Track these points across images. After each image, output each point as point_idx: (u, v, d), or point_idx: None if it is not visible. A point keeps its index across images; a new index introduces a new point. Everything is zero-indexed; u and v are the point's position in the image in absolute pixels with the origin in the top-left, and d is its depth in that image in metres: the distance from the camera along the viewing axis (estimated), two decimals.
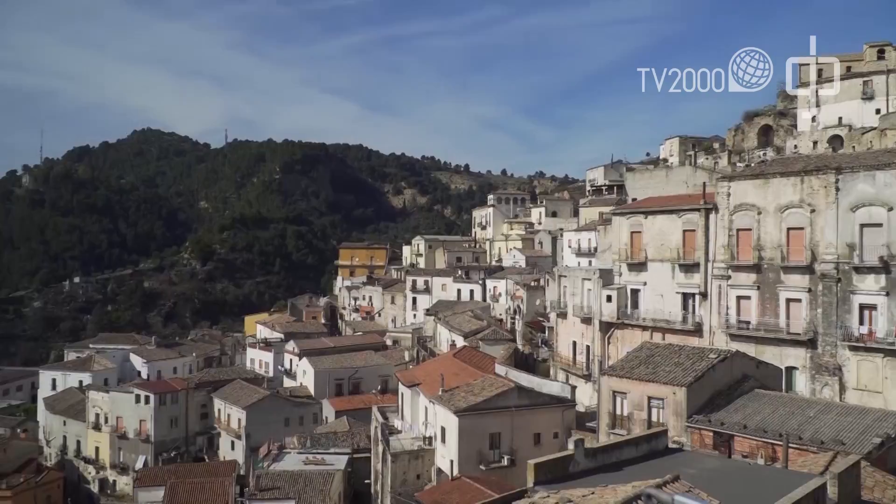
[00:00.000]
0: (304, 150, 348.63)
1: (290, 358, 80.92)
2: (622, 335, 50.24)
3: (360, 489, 51.58)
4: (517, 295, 75.85)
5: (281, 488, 46.49)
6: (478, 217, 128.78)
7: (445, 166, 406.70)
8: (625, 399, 35.82)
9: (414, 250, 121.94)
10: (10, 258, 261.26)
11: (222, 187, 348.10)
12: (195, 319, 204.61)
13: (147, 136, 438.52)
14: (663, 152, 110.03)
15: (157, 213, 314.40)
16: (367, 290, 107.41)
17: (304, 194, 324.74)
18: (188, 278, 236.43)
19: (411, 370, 58.44)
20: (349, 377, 72.68)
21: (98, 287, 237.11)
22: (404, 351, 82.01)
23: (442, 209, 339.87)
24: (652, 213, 49.55)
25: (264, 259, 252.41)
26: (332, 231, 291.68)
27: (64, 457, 78.05)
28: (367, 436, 54.72)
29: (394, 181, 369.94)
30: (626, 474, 22.29)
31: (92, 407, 75.76)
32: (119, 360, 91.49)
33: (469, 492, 32.89)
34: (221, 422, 71.50)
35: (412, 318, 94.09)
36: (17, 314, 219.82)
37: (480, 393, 39.98)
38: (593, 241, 75.25)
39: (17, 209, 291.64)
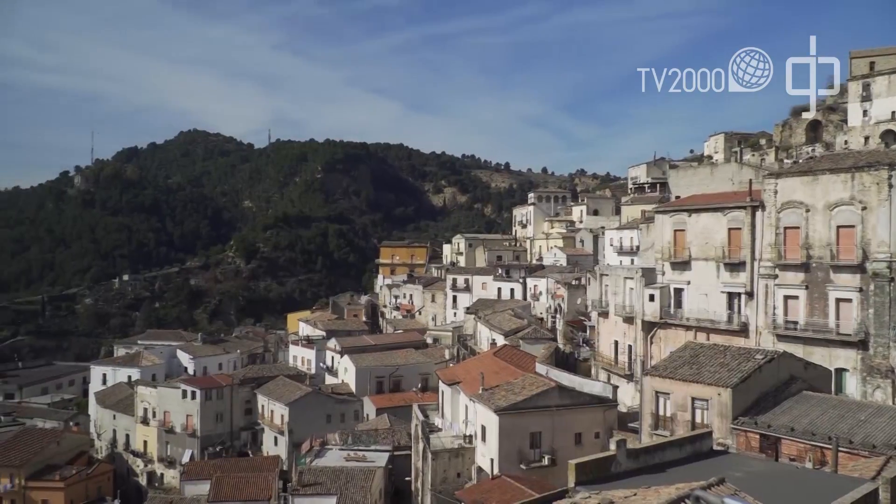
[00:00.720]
0: (346, 149, 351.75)
1: (332, 355, 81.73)
2: (665, 335, 49.52)
3: (401, 486, 51.87)
4: (558, 294, 75.33)
5: (323, 484, 47.03)
6: (518, 215, 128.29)
7: (486, 164, 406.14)
8: (668, 400, 35.32)
9: (454, 249, 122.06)
10: (62, 257, 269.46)
11: (266, 187, 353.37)
12: (239, 317, 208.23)
13: (193, 137, 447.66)
14: (708, 149, 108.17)
15: (202, 212, 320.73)
16: (407, 289, 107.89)
17: (345, 193, 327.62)
18: (233, 276, 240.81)
19: (451, 368, 58.52)
20: (390, 375, 73.11)
21: (146, 284, 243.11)
22: (444, 349, 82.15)
23: (482, 207, 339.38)
24: (696, 211, 48.71)
25: (306, 257, 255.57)
26: (372, 230, 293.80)
27: (114, 450, 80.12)
28: (407, 433, 54.98)
29: (434, 180, 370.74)
30: (669, 476, 22.01)
31: (140, 402, 77.59)
32: (166, 356, 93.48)
33: (509, 491, 32.81)
34: (265, 417, 72.60)
35: (452, 317, 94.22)
36: (70, 311, 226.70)
37: (521, 392, 39.84)
38: (635, 239, 74.35)
39: (69, 209, 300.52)
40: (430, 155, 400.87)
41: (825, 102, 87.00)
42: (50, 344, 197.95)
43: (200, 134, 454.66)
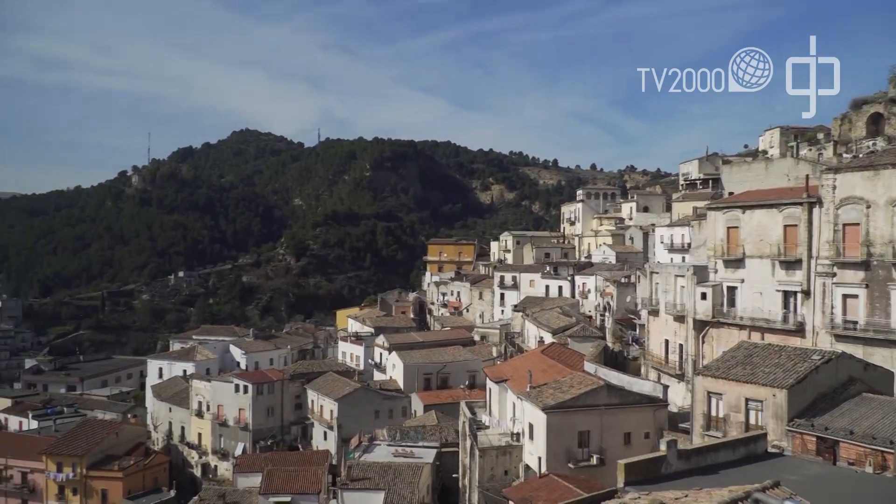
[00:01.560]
0: (394, 147, 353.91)
1: (380, 352, 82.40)
2: (717, 334, 48.52)
3: (448, 483, 52.02)
4: (607, 292, 74.48)
5: (371, 479, 47.49)
6: (567, 212, 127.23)
7: (533, 161, 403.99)
8: (720, 400, 34.61)
9: (502, 246, 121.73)
10: (121, 254, 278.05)
11: (315, 185, 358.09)
12: (290, 313, 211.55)
13: (245, 137, 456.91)
14: (762, 144, 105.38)
15: (254, 210, 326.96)
16: (455, 286, 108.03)
17: (393, 191, 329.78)
18: (283, 273, 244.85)
19: (499, 366, 58.42)
20: (437, 372, 73.35)
21: (200, 281, 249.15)
22: (492, 346, 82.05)
23: (530, 205, 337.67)
24: (750, 208, 47.55)
25: (355, 254, 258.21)
26: (420, 227, 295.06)
27: (169, 441, 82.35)
28: (454, 430, 55.09)
29: (482, 177, 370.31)
30: (721, 478, 21.60)
31: (195, 395, 79.50)
32: (220, 350, 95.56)
33: (557, 489, 32.61)
34: (314, 412, 73.64)
35: (500, 314, 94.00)
36: (128, 306, 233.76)
37: (569, 390, 39.54)
38: (687, 236, 72.99)
39: (127, 208, 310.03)
40: (477, 152, 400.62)
41: (887, 95, 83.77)
42: (109, 338, 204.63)
43: (252, 133, 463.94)
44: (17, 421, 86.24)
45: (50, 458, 70.34)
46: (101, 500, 69.18)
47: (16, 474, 72.29)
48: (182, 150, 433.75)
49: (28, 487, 71.78)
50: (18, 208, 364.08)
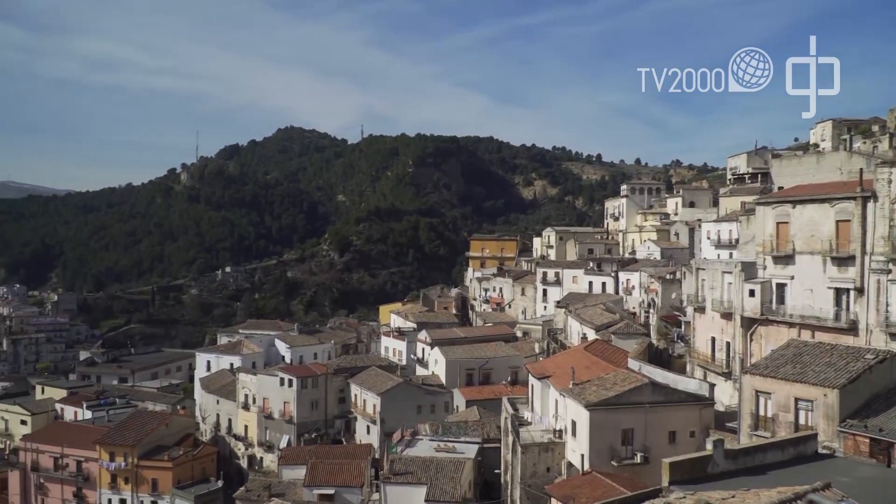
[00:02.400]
0: (436, 143, 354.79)
1: (423, 347, 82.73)
2: (766, 332, 47.42)
3: (490, 479, 52.03)
4: (651, 288, 73.45)
5: (414, 473, 47.78)
6: (610, 208, 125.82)
7: (577, 156, 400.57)
8: (769, 399, 33.87)
9: (544, 242, 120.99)
10: (170, 249, 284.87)
11: (358, 181, 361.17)
12: (333, 308, 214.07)
13: (290, 134, 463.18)
14: (814, 137, 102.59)
15: (298, 206, 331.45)
16: (497, 282, 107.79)
17: (435, 187, 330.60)
18: (327, 268, 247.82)
19: (541, 362, 58.15)
20: (480, 367, 73.33)
21: (246, 276, 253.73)
22: (534, 343, 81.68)
23: (573, 200, 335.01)
24: (801, 202, 46.31)
25: (398, 250, 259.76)
26: (463, 223, 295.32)
27: (217, 433, 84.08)
28: (496, 426, 55.05)
29: (524, 172, 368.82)
30: (770, 479, 21.17)
31: (241, 388, 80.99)
32: (265, 344, 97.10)
33: (600, 487, 32.36)
34: (357, 406, 74.34)
35: (542, 310, 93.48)
36: (177, 301, 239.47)
37: (612, 387, 39.16)
38: (734, 232, 71.50)
39: (176, 204, 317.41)
40: (519, 147, 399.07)
41: None
42: (159, 332, 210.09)
43: (297, 130, 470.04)
44: (73, 411, 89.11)
45: (103, 448, 72.56)
46: (152, 489, 71.15)
47: (71, 462, 74.81)
48: (229, 147, 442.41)
49: (83, 475, 74.22)
50: (73, 205, 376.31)
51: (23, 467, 76.59)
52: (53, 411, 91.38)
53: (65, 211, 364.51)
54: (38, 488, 76.09)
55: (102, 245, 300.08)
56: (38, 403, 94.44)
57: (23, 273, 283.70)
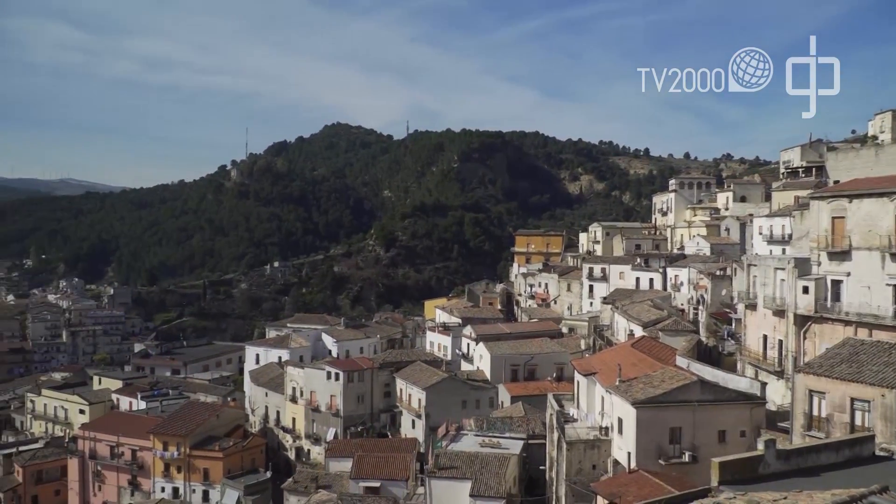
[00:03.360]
0: (482, 138, 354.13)
1: (468, 342, 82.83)
2: (820, 330, 46.13)
3: (535, 475, 51.86)
4: (701, 284, 72.11)
5: (459, 468, 47.90)
6: (658, 203, 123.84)
7: (624, 151, 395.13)
8: (823, 399, 32.95)
9: (591, 237, 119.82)
10: (220, 244, 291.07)
11: (404, 176, 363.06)
12: (379, 303, 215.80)
13: (336, 130, 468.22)
14: (872, 129, 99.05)
15: (345, 202, 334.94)
16: (542, 277, 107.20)
17: (481, 182, 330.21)
18: (373, 264, 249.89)
19: (587, 359, 57.66)
20: (525, 363, 73.10)
21: (294, 271, 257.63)
22: (580, 339, 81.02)
23: (620, 195, 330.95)
24: (857, 197, 44.84)
25: (443, 246, 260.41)
26: (508, 218, 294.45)
27: (266, 425, 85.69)
28: (542, 422, 54.82)
29: (570, 167, 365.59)
30: (823, 481, 20.62)
31: (289, 381, 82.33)
32: (312, 338, 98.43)
33: (647, 486, 31.96)
34: (403, 401, 74.88)
35: (588, 306, 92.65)
36: (227, 295, 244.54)
37: (660, 385, 38.60)
38: (787, 227, 69.61)
39: (226, 200, 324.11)
40: (566, 142, 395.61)
41: None
42: (210, 325, 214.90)
43: (343, 127, 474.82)
44: (128, 401, 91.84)
45: (157, 438, 74.63)
46: (203, 478, 72.88)
47: (127, 451, 77.16)
48: (277, 144, 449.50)
49: (137, 464, 76.50)
50: (128, 201, 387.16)
51: (81, 455, 79.31)
52: (110, 401, 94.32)
53: (120, 207, 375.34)
54: (96, 475, 78.71)
55: (156, 240, 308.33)
56: (95, 393, 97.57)
57: (81, 267, 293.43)
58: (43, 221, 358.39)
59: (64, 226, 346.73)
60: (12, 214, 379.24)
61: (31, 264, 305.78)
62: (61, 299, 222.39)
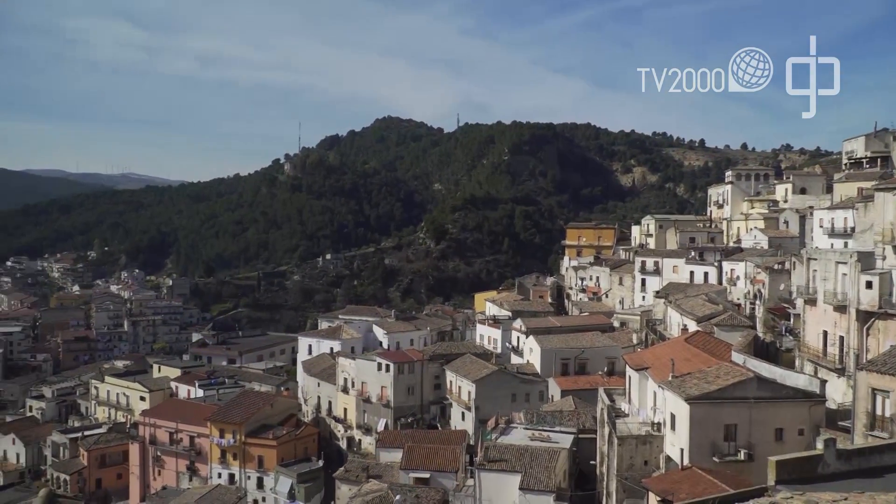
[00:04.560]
0: (532, 130, 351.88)
1: (518, 335, 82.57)
2: (885, 326, 44.50)
3: (585, 469, 51.52)
4: (758, 279, 70.34)
5: (508, 461, 47.90)
6: (714, 195, 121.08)
7: (678, 142, 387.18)
8: (887, 398, 31.84)
9: (643, 230, 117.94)
10: (274, 237, 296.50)
11: (454, 169, 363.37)
12: (429, 295, 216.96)
13: (387, 124, 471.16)
14: None
15: (396, 195, 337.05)
16: (594, 271, 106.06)
17: (531, 174, 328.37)
18: (423, 256, 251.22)
19: (639, 353, 56.91)
20: (575, 357, 72.53)
21: (346, 263, 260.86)
22: (632, 333, 79.96)
23: (674, 187, 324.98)
24: None
25: (493, 238, 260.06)
26: (559, 211, 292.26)
27: (318, 414, 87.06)
28: (592, 417, 54.38)
29: (623, 159, 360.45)
30: (886, 482, 19.98)
31: (341, 372, 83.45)
32: (363, 330, 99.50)
33: (701, 483, 31.42)
34: (452, 393, 75.14)
35: (641, 300, 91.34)
36: (281, 286, 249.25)
37: (715, 381, 37.86)
38: (850, 220, 67.31)
39: (280, 194, 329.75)
40: (618, 134, 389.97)
41: None
42: (264, 316, 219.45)
43: (394, 120, 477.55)
44: (186, 389, 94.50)
45: (214, 425, 76.65)
46: (258, 466, 74.61)
47: (185, 437, 79.49)
48: (329, 137, 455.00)
49: (195, 450, 78.74)
50: (186, 195, 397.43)
51: (142, 440, 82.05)
52: (169, 389, 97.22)
53: (179, 200, 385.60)
54: (156, 460, 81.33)
55: (213, 233, 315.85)
56: (155, 381, 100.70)
57: (141, 259, 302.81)
58: (106, 215, 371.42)
59: (125, 219, 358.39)
60: (77, 208, 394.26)
61: (94, 256, 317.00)
62: (123, 290, 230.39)
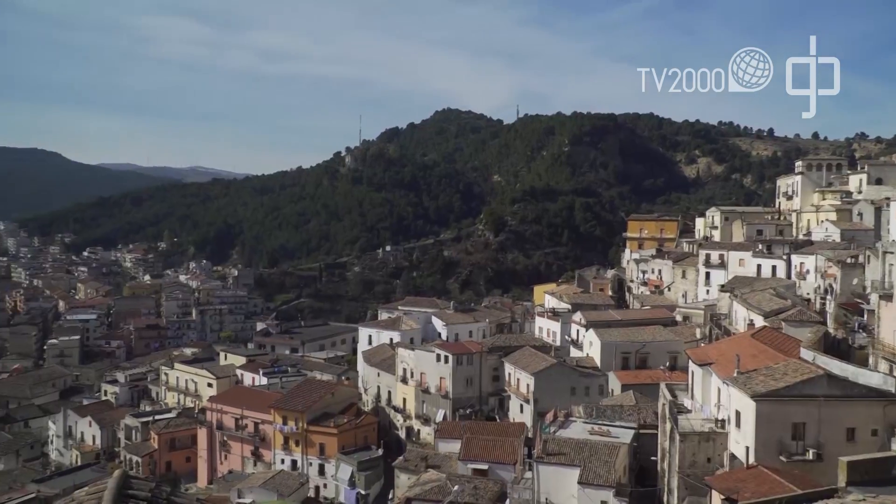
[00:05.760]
0: (593, 121, 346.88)
1: (577, 328, 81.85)
2: None
3: (646, 465, 50.82)
4: (829, 273, 67.77)
5: (567, 455, 47.66)
6: (783, 186, 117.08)
7: (745, 132, 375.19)
8: None
9: (708, 222, 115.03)
10: (335, 228, 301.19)
11: (514, 161, 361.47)
12: (488, 287, 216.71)
13: (447, 116, 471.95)
14: None
15: (455, 186, 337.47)
16: (656, 264, 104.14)
17: (592, 166, 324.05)
18: (482, 248, 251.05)
19: (703, 348, 55.70)
20: (636, 351, 71.51)
21: (405, 255, 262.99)
22: (695, 328, 78.28)
23: (740, 178, 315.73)
24: None
25: (552, 230, 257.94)
26: (620, 203, 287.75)
27: (378, 404, 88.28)
28: (653, 412, 53.56)
29: (687, 150, 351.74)
30: None
31: (400, 362, 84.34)
32: (422, 321, 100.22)
33: (767, 482, 30.61)
34: (511, 385, 75.06)
35: (704, 294, 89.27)
36: (342, 277, 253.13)
37: (782, 378, 36.77)
38: None
39: (341, 186, 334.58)
40: (682, 123, 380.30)
41: None
42: (325, 306, 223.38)
43: (453, 112, 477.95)
44: (251, 377, 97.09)
45: (277, 412, 78.53)
46: (319, 453, 76.13)
47: (250, 423, 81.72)
48: (389, 130, 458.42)
49: (259, 436, 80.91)
50: (250, 188, 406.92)
51: (209, 425, 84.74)
52: (234, 376, 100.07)
53: (244, 193, 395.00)
54: (222, 445, 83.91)
55: (276, 224, 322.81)
56: (221, 368, 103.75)
57: (209, 250, 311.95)
58: (175, 207, 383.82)
59: (193, 211, 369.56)
60: (148, 200, 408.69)
61: (164, 247, 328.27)
62: (191, 279, 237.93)
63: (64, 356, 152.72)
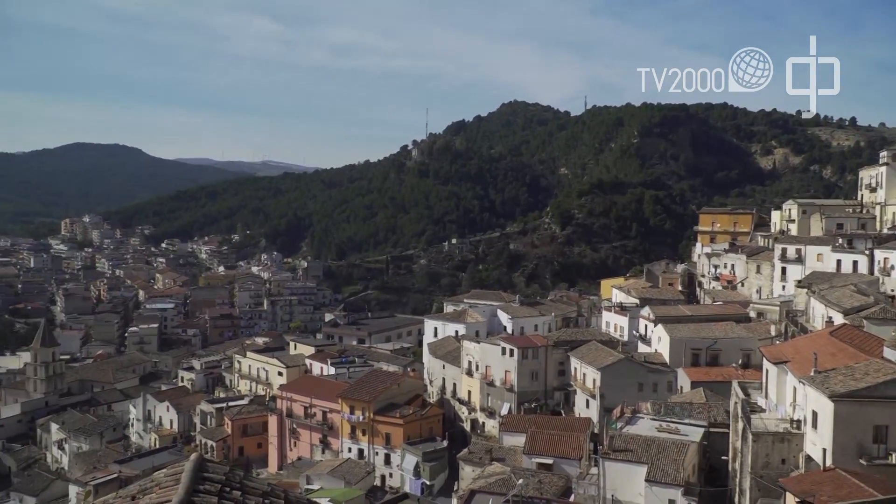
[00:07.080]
0: (664, 112, 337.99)
1: (646, 324, 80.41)
2: None
3: (716, 465, 49.60)
4: None
5: (634, 451, 46.93)
6: (866, 177, 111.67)
7: (826, 121, 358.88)
8: None
9: (784, 216, 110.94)
10: (402, 221, 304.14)
11: (581, 153, 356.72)
12: (554, 281, 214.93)
13: (513, 108, 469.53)
14: None
15: (521, 179, 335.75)
16: (728, 258, 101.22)
17: (662, 158, 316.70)
18: (548, 241, 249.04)
19: (778, 346, 53.84)
20: (707, 348, 69.71)
21: (471, 248, 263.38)
22: (770, 325, 75.74)
23: (820, 170, 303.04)
24: None
25: (621, 224, 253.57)
26: (691, 195, 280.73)
27: (443, 396, 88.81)
28: (725, 410, 52.20)
29: (762, 140, 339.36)
30: None
31: (465, 355, 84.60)
32: (488, 314, 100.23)
33: (845, 486, 29.46)
34: (577, 380, 74.35)
35: (780, 290, 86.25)
36: (408, 270, 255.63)
37: (863, 378, 35.21)
38: None
39: (407, 179, 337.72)
40: (758, 113, 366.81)
41: None
42: (392, 298, 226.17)
43: (520, 105, 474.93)
44: (319, 366, 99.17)
45: (344, 402, 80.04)
46: (385, 442, 77.27)
47: (318, 412, 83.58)
48: (455, 123, 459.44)
49: (327, 425, 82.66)
50: (320, 181, 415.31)
51: (279, 413, 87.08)
52: (304, 365, 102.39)
53: (313, 186, 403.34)
54: (292, 432, 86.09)
55: (344, 217, 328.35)
56: (291, 358, 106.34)
57: (279, 242, 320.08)
58: (248, 200, 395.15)
59: (265, 204, 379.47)
60: (222, 194, 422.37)
61: (237, 239, 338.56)
62: (263, 271, 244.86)
63: (143, 343, 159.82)
